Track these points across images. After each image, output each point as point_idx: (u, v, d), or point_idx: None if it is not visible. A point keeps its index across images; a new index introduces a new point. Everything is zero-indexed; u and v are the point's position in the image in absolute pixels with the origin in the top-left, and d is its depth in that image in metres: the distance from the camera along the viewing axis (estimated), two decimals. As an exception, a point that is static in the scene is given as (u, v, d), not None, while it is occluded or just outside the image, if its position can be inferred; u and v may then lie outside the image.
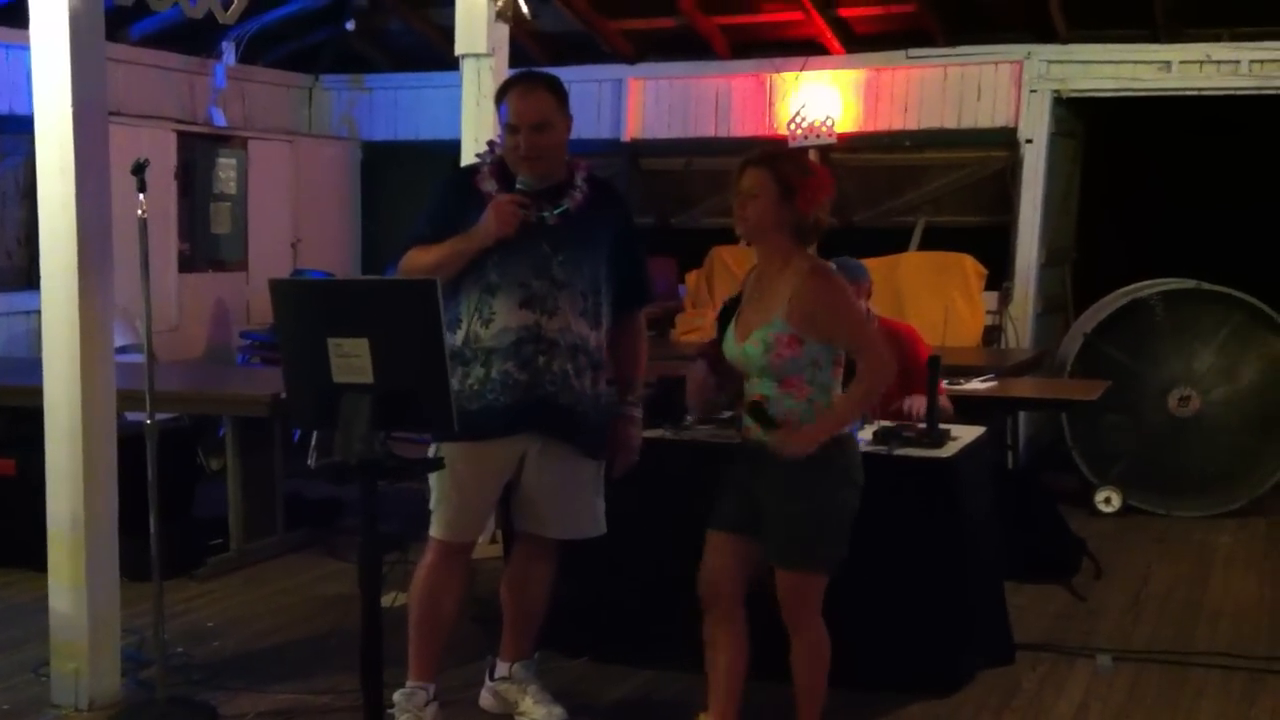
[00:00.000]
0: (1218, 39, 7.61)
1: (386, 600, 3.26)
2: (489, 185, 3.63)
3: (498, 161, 3.69)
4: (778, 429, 3.37)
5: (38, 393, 4.04)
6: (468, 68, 5.85)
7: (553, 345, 3.59)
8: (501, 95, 3.68)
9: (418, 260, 3.59)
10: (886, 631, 4.11)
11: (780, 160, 3.44)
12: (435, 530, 3.72)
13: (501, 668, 3.97)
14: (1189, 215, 8.24)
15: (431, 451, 3.61)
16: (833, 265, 4.87)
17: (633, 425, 3.82)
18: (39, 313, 4.10)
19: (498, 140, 3.84)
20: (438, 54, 7.65)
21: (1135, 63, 7.80)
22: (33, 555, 4.30)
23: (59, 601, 4.00)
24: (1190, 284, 7.03)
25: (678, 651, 4.22)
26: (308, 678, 4.24)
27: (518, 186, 3.56)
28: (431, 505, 3.71)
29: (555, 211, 3.62)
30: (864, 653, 4.00)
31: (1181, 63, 7.70)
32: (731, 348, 3.50)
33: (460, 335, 3.58)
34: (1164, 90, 7.77)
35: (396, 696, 3.70)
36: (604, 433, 3.77)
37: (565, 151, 3.68)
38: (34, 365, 4.43)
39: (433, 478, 3.67)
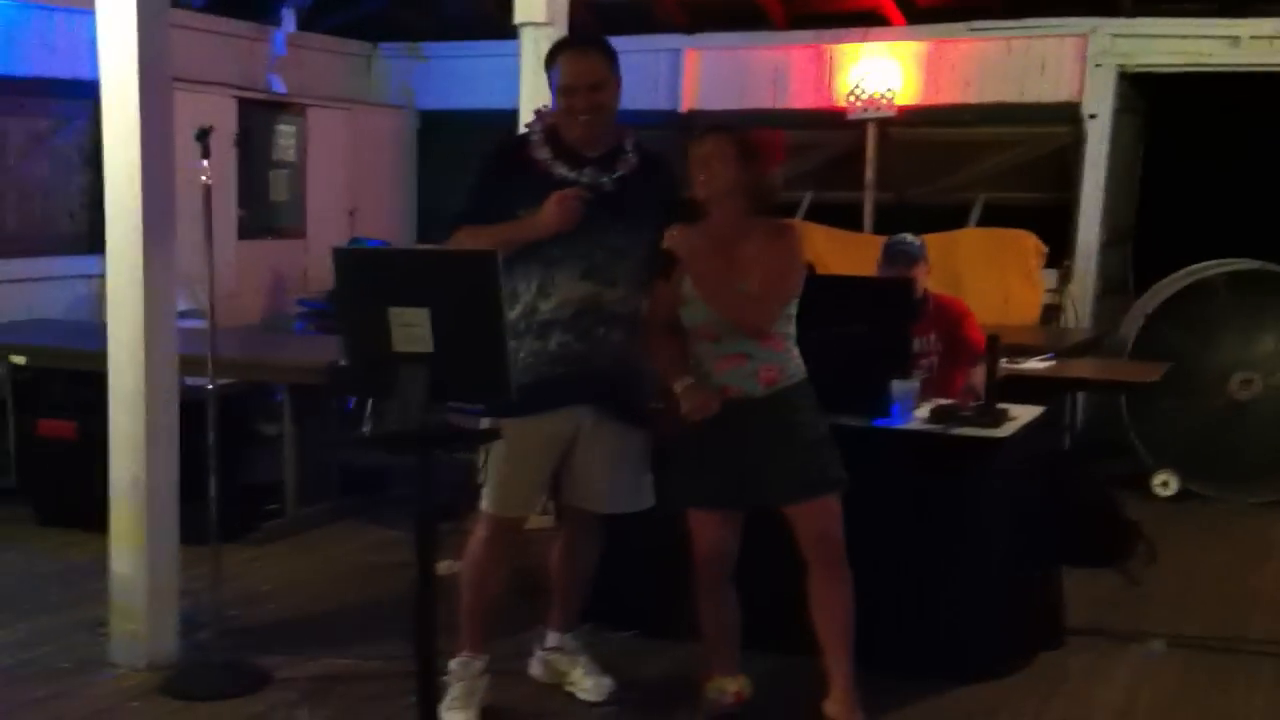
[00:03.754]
0: (1289, 14, 7.45)
1: (440, 568, 3.29)
2: (543, 153, 3.61)
3: (550, 127, 3.67)
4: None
5: (98, 357, 4.10)
6: (526, 36, 5.84)
7: (612, 316, 3.59)
8: (552, 59, 3.66)
9: (469, 245, 3.53)
10: (936, 614, 4.08)
11: (736, 129, 3.61)
12: (487, 505, 3.72)
13: (552, 638, 4.00)
14: (1255, 195, 8.08)
15: (484, 424, 3.60)
16: (910, 237, 4.90)
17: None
18: (100, 277, 4.16)
19: (545, 109, 3.83)
20: (495, 23, 7.64)
21: (1202, 37, 7.64)
22: (92, 517, 4.37)
23: (119, 563, 4.06)
24: (1255, 265, 6.91)
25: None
26: (360, 644, 4.28)
27: (581, 181, 3.54)
28: (483, 480, 3.71)
29: (613, 177, 3.61)
30: (912, 636, 4.00)
31: (1251, 38, 7.53)
32: (704, 312, 3.49)
33: (518, 309, 3.57)
34: (1232, 66, 7.61)
35: (452, 664, 3.73)
36: (648, 403, 3.75)
37: (616, 115, 3.67)
38: (94, 329, 4.49)
39: (485, 452, 3.67)
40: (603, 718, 3.84)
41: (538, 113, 3.83)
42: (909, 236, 4.98)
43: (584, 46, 3.67)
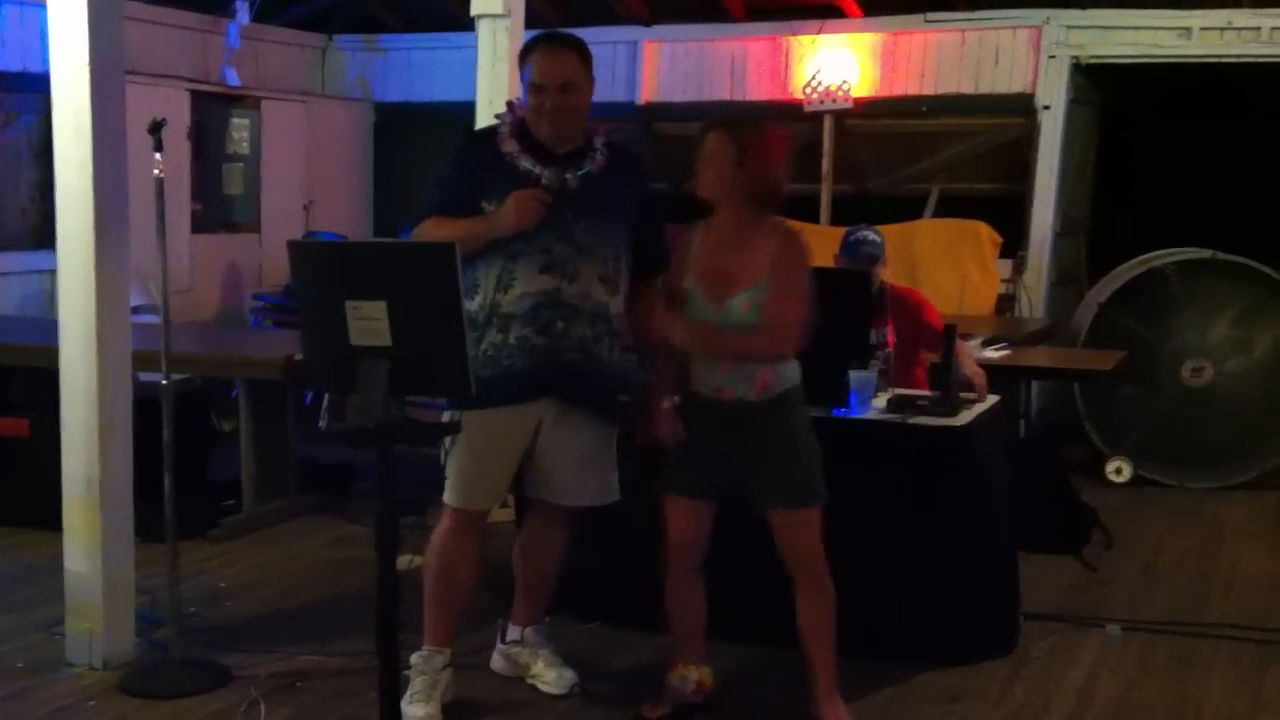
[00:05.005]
0: (1239, 5, 7.54)
1: (402, 563, 3.27)
2: (510, 146, 3.60)
3: (518, 122, 3.66)
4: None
5: (51, 353, 4.05)
6: (483, 28, 5.81)
7: (572, 310, 3.58)
8: (526, 54, 3.64)
9: (432, 235, 3.54)
10: (898, 600, 4.12)
11: (739, 127, 3.54)
12: (450, 498, 3.71)
13: (513, 632, 3.99)
14: (1206, 185, 8.18)
15: (446, 418, 3.60)
16: (872, 235, 4.88)
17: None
18: (52, 272, 4.11)
19: (516, 101, 3.81)
20: (452, 14, 7.60)
21: (1155, 29, 7.73)
22: (46, 515, 4.31)
23: (74, 561, 4.01)
24: (1206, 254, 6.99)
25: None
26: (321, 640, 4.25)
27: (543, 182, 3.53)
28: (447, 473, 3.70)
29: (577, 174, 3.60)
30: (875, 622, 4.02)
31: (1202, 29, 7.63)
32: (706, 310, 3.49)
33: (477, 301, 3.56)
34: (1184, 57, 7.71)
35: (414, 659, 3.71)
36: (618, 399, 3.77)
37: (587, 115, 3.66)
38: (46, 325, 4.44)
39: (448, 445, 3.66)
40: (566, 710, 3.83)
41: (510, 104, 3.82)
42: (870, 233, 4.96)
43: (558, 45, 3.63)
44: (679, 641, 3.78)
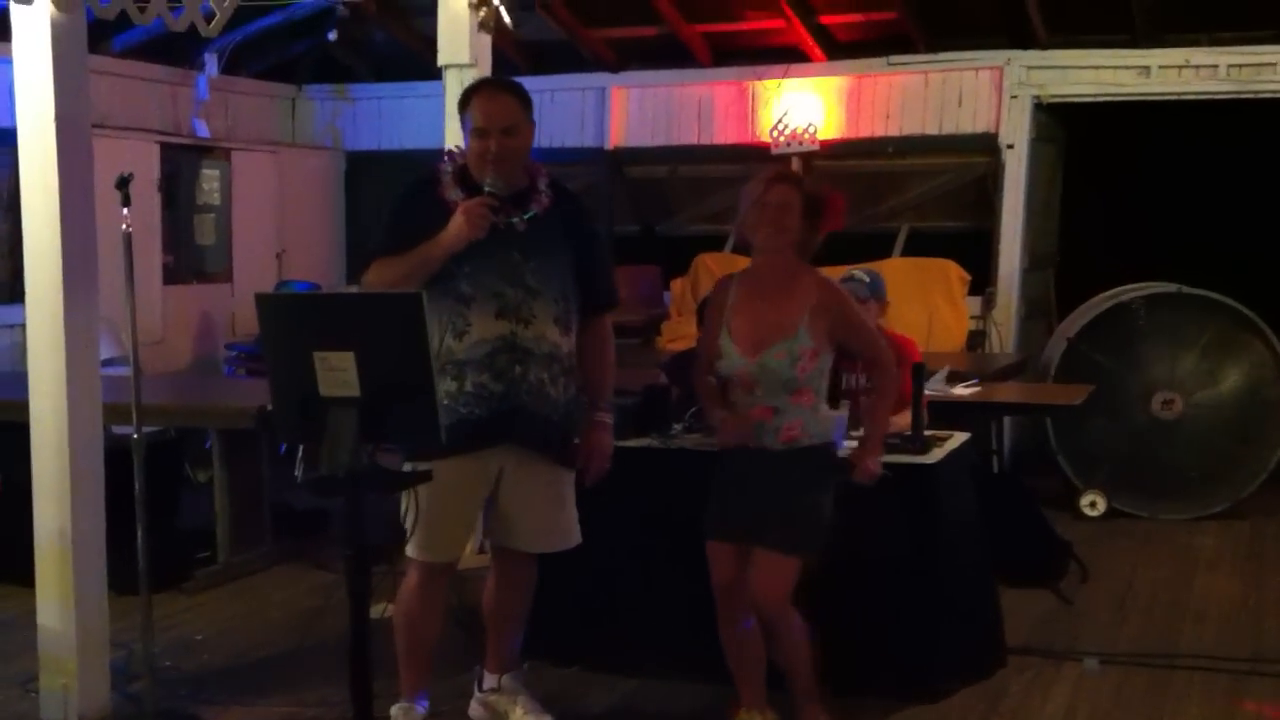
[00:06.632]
0: (1196, 44, 7.66)
1: (375, 611, 3.27)
2: (454, 193, 3.61)
3: (460, 168, 3.68)
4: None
5: (22, 408, 4.03)
6: (450, 78, 5.86)
7: (528, 354, 3.58)
8: (466, 101, 3.67)
9: (384, 274, 3.56)
10: (871, 637, 4.12)
11: (802, 181, 3.76)
12: (414, 551, 3.67)
13: (490, 679, 3.97)
14: (1170, 220, 8.29)
15: (407, 468, 3.54)
16: (859, 274, 4.91)
17: (605, 432, 3.80)
18: (22, 326, 4.09)
19: (456, 149, 3.85)
20: (421, 64, 7.65)
21: (1115, 68, 7.85)
22: (18, 569, 4.29)
23: (47, 617, 3.98)
24: (1172, 288, 7.07)
25: (666, 660, 4.25)
26: (297, 690, 4.23)
27: (486, 189, 3.54)
28: (407, 525, 3.58)
29: (524, 217, 3.62)
30: (849, 658, 4.03)
31: (1160, 67, 7.75)
32: (737, 361, 3.59)
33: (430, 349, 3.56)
34: (1143, 95, 7.82)
35: (394, 711, 3.70)
36: (573, 441, 3.76)
37: (528, 158, 3.69)
38: (17, 379, 4.42)
39: (408, 497, 3.62)
40: (544, 755, 3.82)
41: (449, 154, 3.85)
42: (860, 272, 4.90)
43: (497, 89, 3.69)
44: (739, 686, 3.79)
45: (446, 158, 3.80)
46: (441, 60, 5.87)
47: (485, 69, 5.82)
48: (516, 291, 3.57)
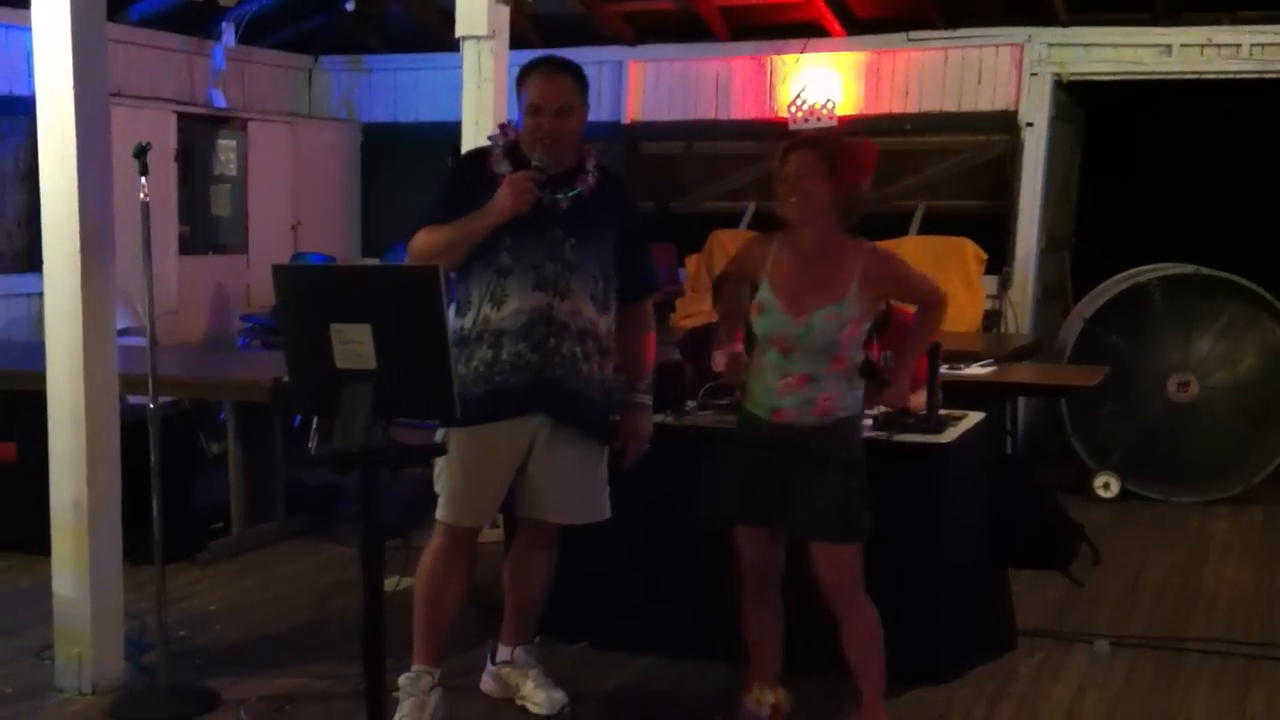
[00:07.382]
0: (1218, 22, 7.59)
1: (388, 585, 3.27)
2: (503, 166, 3.64)
3: (511, 144, 3.70)
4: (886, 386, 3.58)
5: (39, 378, 4.04)
6: (468, 50, 5.84)
7: (563, 328, 3.60)
8: (524, 77, 3.67)
9: (429, 240, 3.59)
10: (886, 617, 4.10)
11: (823, 141, 3.58)
12: (442, 514, 3.71)
13: (503, 652, 3.99)
14: (1189, 200, 8.24)
15: (439, 436, 3.58)
16: None
17: (644, 414, 3.84)
18: (38, 295, 4.10)
19: (509, 123, 3.85)
20: (437, 36, 7.63)
21: (1136, 46, 7.79)
22: (34, 540, 4.32)
23: (62, 586, 4.01)
24: (1189, 269, 7.04)
25: (677, 638, 4.26)
26: (309, 663, 4.25)
27: (533, 164, 3.56)
28: (438, 489, 3.70)
29: (568, 194, 3.64)
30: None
31: (1182, 46, 7.68)
32: (784, 322, 3.46)
33: (470, 317, 3.59)
34: (1165, 74, 7.76)
35: (401, 680, 3.72)
36: (608, 418, 3.78)
37: (580, 138, 3.70)
38: (33, 349, 4.43)
39: (440, 461, 3.67)
40: (555, 731, 3.83)
41: (502, 126, 3.86)
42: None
43: (555, 69, 3.67)
44: (754, 663, 3.75)
45: (500, 129, 3.81)
46: (459, 32, 5.85)
47: (503, 41, 5.80)
48: (555, 265, 3.59)
